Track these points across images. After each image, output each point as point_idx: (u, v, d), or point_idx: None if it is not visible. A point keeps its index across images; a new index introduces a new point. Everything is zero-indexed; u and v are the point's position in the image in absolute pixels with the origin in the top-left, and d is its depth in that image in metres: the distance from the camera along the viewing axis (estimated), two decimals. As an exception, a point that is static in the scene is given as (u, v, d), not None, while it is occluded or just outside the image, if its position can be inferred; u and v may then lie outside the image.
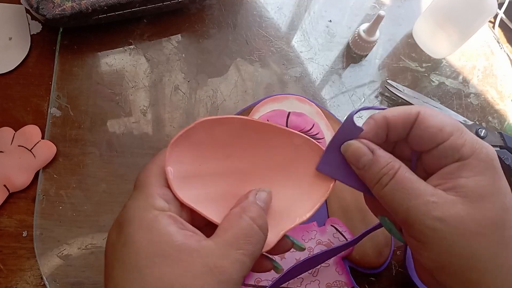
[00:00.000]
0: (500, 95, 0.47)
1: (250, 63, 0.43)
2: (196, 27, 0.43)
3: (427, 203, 0.22)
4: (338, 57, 0.45)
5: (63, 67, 0.39)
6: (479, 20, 0.42)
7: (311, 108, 0.40)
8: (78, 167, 0.36)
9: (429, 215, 0.22)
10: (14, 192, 0.34)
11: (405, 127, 0.24)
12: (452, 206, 0.22)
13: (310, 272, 0.34)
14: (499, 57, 0.49)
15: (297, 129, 0.38)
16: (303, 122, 0.38)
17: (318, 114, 0.40)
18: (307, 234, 0.35)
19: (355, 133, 0.24)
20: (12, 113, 0.37)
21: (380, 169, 0.24)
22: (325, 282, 0.34)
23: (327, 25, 0.47)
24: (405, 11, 0.50)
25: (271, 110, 0.39)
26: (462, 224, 0.22)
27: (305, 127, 0.38)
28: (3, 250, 0.33)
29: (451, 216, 0.22)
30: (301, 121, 0.38)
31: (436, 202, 0.22)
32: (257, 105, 0.39)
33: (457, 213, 0.22)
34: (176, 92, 0.40)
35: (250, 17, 0.45)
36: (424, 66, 0.47)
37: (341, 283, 0.34)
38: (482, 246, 0.21)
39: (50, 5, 0.36)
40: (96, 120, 0.38)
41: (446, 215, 0.22)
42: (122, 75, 0.40)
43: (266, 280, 0.33)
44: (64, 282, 0.33)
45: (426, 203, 0.22)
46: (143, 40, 0.42)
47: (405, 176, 0.23)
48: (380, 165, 0.24)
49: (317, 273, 0.34)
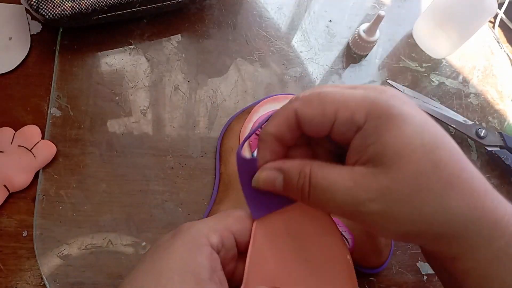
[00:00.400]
0: (500, 95, 0.47)
1: (250, 63, 0.43)
2: (196, 27, 0.43)
3: (350, 191, 0.20)
4: (338, 57, 0.45)
5: (63, 67, 0.39)
6: (479, 20, 0.42)
7: None
8: (78, 167, 0.36)
9: (358, 202, 0.20)
10: (14, 192, 0.34)
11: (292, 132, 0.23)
12: (374, 180, 0.20)
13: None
14: (499, 57, 0.49)
15: None
16: None
17: None
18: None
19: (254, 165, 0.24)
20: (12, 113, 0.37)
21: (296, 182, 0.22)
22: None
23: (327, 25, 0.47)
24: (405, 11, 0.50)
25: (271, 110, 0.39)
26: (393, 193, 0.20)
27: None
28: (3, 250, 0.33)
29: (378, 191, 0.20)
30: None
31: (355, 185, 0.20)
32: (257, 105, 0.39)
33: (381, 186, 0.20)
34: (176, 92, 0.40)
35: (250, 17, 0.45)
36: (424, 66, 0.47)
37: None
38: (423, 202, 0.20)
39: (50, 5, 0.36)
40: (96, 120, 0.38)
41: (372, 194, 0.20)
42: (122, 75, 0.40)
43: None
44: (64, 282, 0.33)
45: (349, 191, 0.20)
46: (143, 40, 0.42)
47: (318, 177, 0.21)
48: (294, 179, 0.22)
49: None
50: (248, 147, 0.37)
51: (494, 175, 0.43)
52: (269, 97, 0.40)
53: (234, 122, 0.39)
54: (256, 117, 0.38)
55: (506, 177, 0.43)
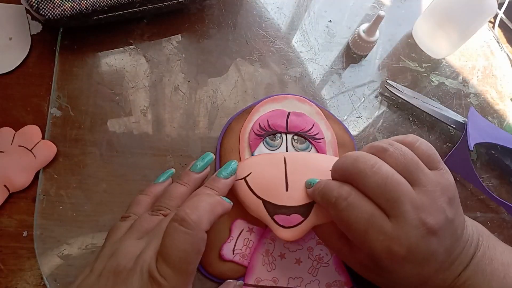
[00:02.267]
0: (500, 95, 0.47)
1: (250, 63, 0.43)
2: (196, 27, 0.43)
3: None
4: (338, 57, 0.45)
5: (63, 67, 0.39)
6: (479, 20, 0.42)
7: (311, 108, 0.40)
8: (78, 167, 0.36)
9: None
10: (14, 192, 0.34)
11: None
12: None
13: (309, 272, 0.34)
14: (499, 57, 0.49)
15: (297, 129, 0.38)
16: (303, 121, 0.38)
17: (318, 114, 0.40)
18: (306, 234, 0.35)
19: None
20: (12, 113, 0.37)
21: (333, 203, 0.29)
22: (325, 281, 0.34)
23: (327, 25, 0.47)
24: (405, 11, 0.50)
25: (272, 110, 0.39)
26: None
27: (305, 127, 0.38)
28: (3, 250, 0.33)
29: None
30: (301, 121, 0.38)
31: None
32: (257, 105, 0.39)
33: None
34: (176, 92, 0.40)
35: (250, 17, 0.45)
36: (424, 66, 0.47)
37: (340, 282, 0.34)
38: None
39: (50, 5, 0.36)
40: (96, 120, 0.38)
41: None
42: (122, 75, 0.40)
43: (266, 280, 0.34)
44: (64, 282, 0.33)
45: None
46: (143, 40, 0.42)
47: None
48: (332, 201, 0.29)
49: (316, 272, 0.34)
50: (248, 147, 0.37)
51: (494, 175, 0.43)
52: (268, 97, 0.40)
53: (234, 122, 0.39)
54: (256, 117, 0.38)
55: (506, 177, 0.43)
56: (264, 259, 0.34)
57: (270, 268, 0.34)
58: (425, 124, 0.44)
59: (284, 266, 0.34)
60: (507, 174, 0.43)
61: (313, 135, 0.38)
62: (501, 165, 0.43)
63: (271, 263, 0.34)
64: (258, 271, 0.34)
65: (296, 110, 0.39)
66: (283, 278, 0.34)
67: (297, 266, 0.34)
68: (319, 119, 0.39)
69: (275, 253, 0.34)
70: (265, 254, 0.34)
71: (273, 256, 0.34)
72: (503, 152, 0.44)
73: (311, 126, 0.38)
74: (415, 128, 0.43)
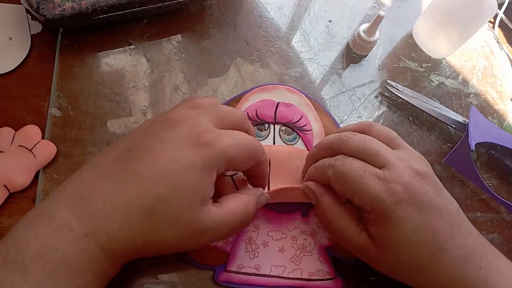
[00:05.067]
0: (500, 95, 0.47)
1: (250, 63, 0.43)
2: (196, 27, 0.43)
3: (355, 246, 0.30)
4: (338, 57, 0.45)
5: (63, 67, 0.39)
6: (479, 20, 0.42)
7: (300, 99, 0.40)
8: (78, 167, 0.36)
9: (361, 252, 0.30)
10: (14, 192, 0.34)
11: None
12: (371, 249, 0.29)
13: (292, 261, 0.34)
14: (499, 57, 0.50)
15: (285, 120, 0.38)
16: (292, 113, 0.39)
17: (307, 105, 0.40)
18: (291, 223, 0.35)
19: None
20: (12, 113, 0.37)
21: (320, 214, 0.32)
22: (308, 270, 0.34)
23: (327, 25, 0.47)
24: (405, 11, 0.50)
25: (261, 99, 0.39)
26: (381, 265, 0.30)
27: (294, 118, 0.38)
28: (3, 250, 0.33)
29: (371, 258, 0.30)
30: (290, 112, 0.39)
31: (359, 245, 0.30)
32: (247, 94, 0.39)
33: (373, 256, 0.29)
34: (176, 92, 0.40)
35: (250, 17, 0.45)
36: (424, 66, 0.47)
37: (323, 272, 0.34)
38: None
39: (50, 5, 0.36)
40: (96, 120, 0.38)
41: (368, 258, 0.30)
42: (122, 75, 0.40)
43: (248, 267, 0.34)
44: (64, 282, 0.33)
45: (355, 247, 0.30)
46: (143, 40, 0.42)
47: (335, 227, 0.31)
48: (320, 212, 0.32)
49: (299, 261, 0.34)
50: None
51: (494, 175, 0.43)
52: (258, 87, 0.40)
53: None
54: (245, 107, 0.39)
55: (506, 177, 0.43)
56: (247, 246, 0.34)
57: (252, 255, 0.34)
58: (425, 124, 0.44)
59: (267, 254, 0.34)
60: (507, 174, 0.43)
61: (301, 127, 0.38)
62: (501, 165, 0.43)
63: (254, 251, 0.34)
64: (240, 258, 0.34)
65: (286, 101, 0.39)
66: (265, 266, 0.34)
67: (280, 255, 0.34)
68: (308, 110, 0.39)
69: (258, 241, 0.34)
70: (248, 242, 0.34)
71: (256, 244, 0.34)
72: (503, 152, 0.44)
73: (299, 117, 0.38)
74: (415, 128, 0.43)
